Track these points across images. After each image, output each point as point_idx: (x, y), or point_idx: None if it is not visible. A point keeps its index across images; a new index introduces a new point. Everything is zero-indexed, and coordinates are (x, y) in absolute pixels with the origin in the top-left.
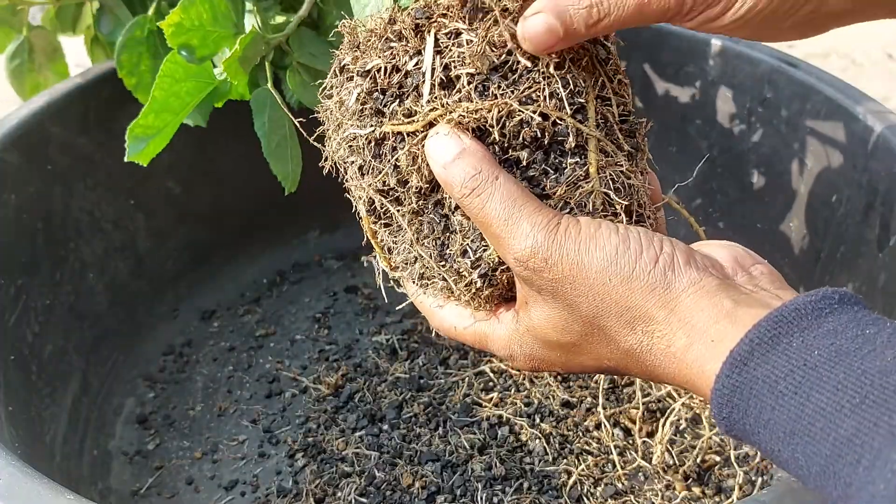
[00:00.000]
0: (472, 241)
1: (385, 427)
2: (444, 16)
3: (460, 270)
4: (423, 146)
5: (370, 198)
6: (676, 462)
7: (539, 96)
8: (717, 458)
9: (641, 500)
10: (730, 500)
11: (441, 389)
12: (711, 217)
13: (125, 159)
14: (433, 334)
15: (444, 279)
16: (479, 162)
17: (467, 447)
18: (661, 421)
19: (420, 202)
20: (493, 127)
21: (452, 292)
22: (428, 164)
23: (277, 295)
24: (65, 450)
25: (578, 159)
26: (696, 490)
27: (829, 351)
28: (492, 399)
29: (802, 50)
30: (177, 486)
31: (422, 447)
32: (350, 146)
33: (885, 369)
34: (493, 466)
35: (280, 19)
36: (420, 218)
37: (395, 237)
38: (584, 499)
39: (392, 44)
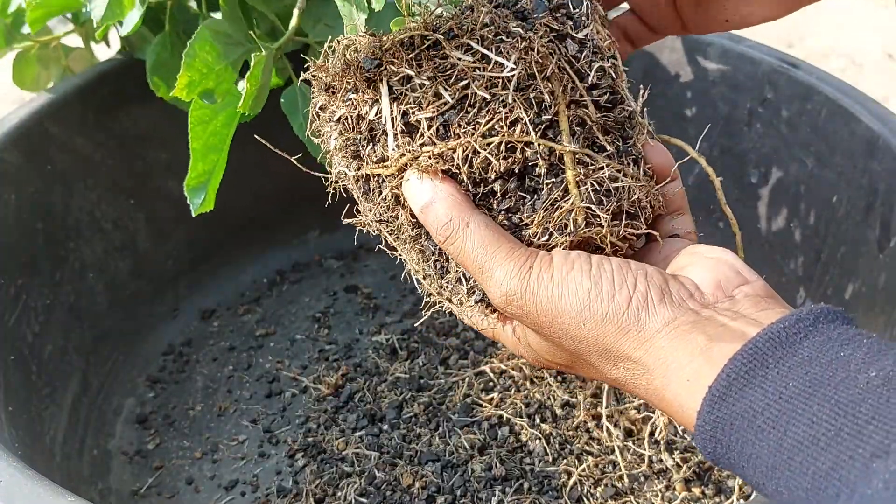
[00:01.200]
0: (462, 273)
1: (385, 427)
2: (392, 63)
3: (458, 297)
4: (400, 187)
5: (374, 222)
6: (676, 462)
7: (502, 127)
8: None
9: (641, 500)
10: (730, 500)
11: (441, 389)
12: (711, 217)
13: (193, 214)
14: (434, 321)
15: (449, 301)
16: (448, 209)
17: (467, 447)
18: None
19: (414, 231)
20: (459, 168)
21: (457, 312)
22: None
23: (277, 295)
24: (65, 450)
25: (555, 178)
26: (696, 490)
27: (803, 381)
28: (492, 399)
29: (802, 50)
30: (177, 486)
31: (422, 447)
32: (344, 178)
33: (858, 398)
34: (493, 466)
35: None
36: (417, 245)
37: (405, 255)
38: (584, 499)
39: (350, 94)
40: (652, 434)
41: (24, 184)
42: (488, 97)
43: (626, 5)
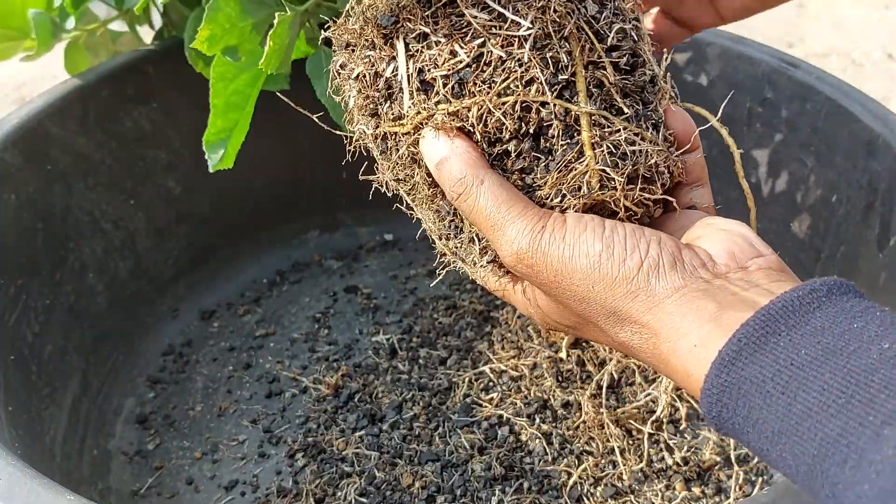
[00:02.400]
0: (475, 233)
1: (385, 427)
2: (409, 20)
3: (471, 257)
4: (417, 146)
5: (392, 181)
6: (676, 462)
7: (517, 86)
8: (717, 458)
9: (641, 500)
10: (729, 500)
11: (441, 389)
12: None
13: (210, 170)
14: (435, 321)
15: (462, 261)
16: (463, 165)
17: (467, 447)
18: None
19: (430, 190)
20: (473, 127)
21: (471, 271)
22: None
23: (277, 295)
24: (65, 450)
25: (570, 140)
26: (696, 490)
27: (815, 350)
28: (492, 399)
29: (802, 50)
30: (177, 486)
31: (422, 447)
32: (363, 136)
33: (871, 367)
34: (493, 466)
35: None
36: (432, 205)
37: (421, 215)
38: (584, 499)
39: (368, 52)
40: (651, 435)
41: (24, 184)
42: (504, 56)
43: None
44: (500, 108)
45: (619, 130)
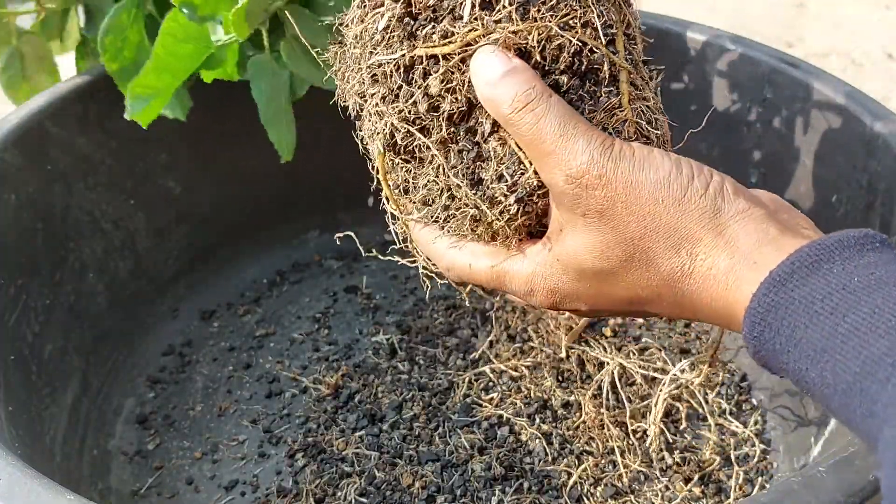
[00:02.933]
0: (507, 166)
1: (385, 427)
2: None
3: (495, 196)
4: (460, 69)
5: (391, 131)
6: (677, 462)
7: (576, 24)
8: (717, 458)
9: (641, 500)
10: (729, 500)
11: (441, 389)
12: None
13: (126, 116)
14: (435, 320)
15: (476, 207)
16: (531, 78)
17: (467, 447)
18: (655, 400)
19: (451, 129)
20: (533, 48)
21: (481, 222)
22: (464, 87)
23: (277, 295)
24: (65, 450)
25: (612, 89)
26: (696, 490)
27: (868, 279)
28: (492, 399)
29: (802, 50)
30: (177, 486)
31: (422, 447)
32: (374, 76)
33: None
34: (493, 466)
35: None
36: (449, 146)
37: (417, 172)
38: (584, 499)
39: None
40: (657, 433)
41: (24, 184)
42: None
43: None
44: (559, 39)
45: (647, 98)
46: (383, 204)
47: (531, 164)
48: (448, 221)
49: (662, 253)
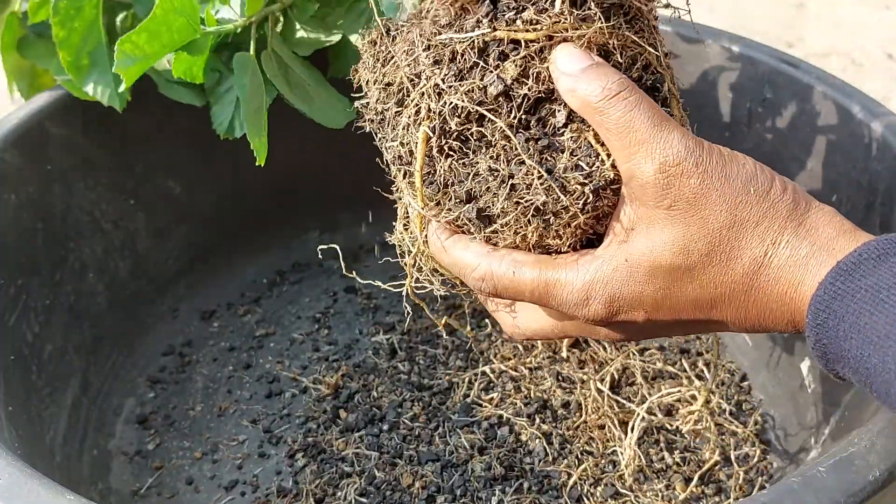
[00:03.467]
0: (580, 157)
1: (385, 427)
2: None
3: (567, 185)
4: (540, 57)
5: (449, 113)
6: (677, 462)
7: (645, 43)
8: (717, 458)
9: (641, 499)
10: (729, 500)
11: (441, 389)
12: None
13: (113, 70)
14: (435, 319)
15: (548, 192)
16: (618, 73)
17: (467, 447)
18: (630, 424)
19: (523, 116)
20: (615, 51)
21: (540, 215)
22: (543, 75)
23: (277, 295)
24: (65, 450)
25: (668, 111)
26: (696, 490)
27: None
28: (492, 399)
29: (802, 50)
30: (177, 486)
31: (422, 447)
32: (437, 57)
33: None
34: (493, 466)
35: None
36: (518, 133)
37: (467, 160)
38: (584, 499)
39: None
40: (652, 432)
41: (24, 184)
42: (644, 10)
43: None
44: (634, 49)
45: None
46: (394, 204)
47: (609, 157)
48: (499, 218)
49: (748, 242)
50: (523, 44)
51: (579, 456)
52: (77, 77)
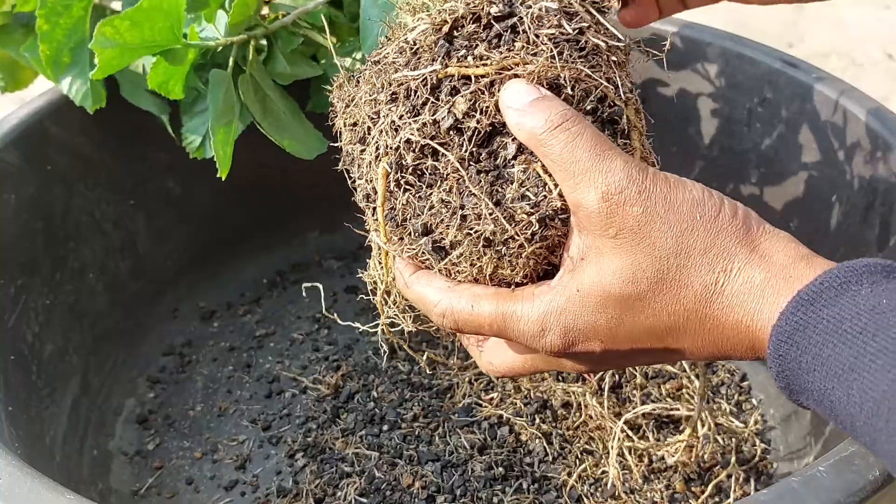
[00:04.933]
0: (528, 188)
1: (385, 427)
2: None
3: (515, 214)
4: (489, 90)
5: (403, 148)
6: (677, 462)
7: (601, 77)
8: (718, 458)
9: (641, 500)
10: (729, 500)
11: (441, 389)
12: None
13: (89, 46)
14: (433, 334)
15: (495, 222)
16: (563, 105)
17: (467, 447)
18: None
19: (472, 149)
20: (565, 84)
21: (492, 246)
22: (491, 110)
23: (277, 295)
24: (65, 450)
25: (627, 143)
26: (696, 490)
27: None
28: (492, 399)
29: (802, 50)
30: (177, 486)
31: (422, 447)
32: (393, 94)
33: None
34: (493, 466)
35: None
36: (468, 166)
37: (421, 193)
38: (584, 499)
39: None
40: (646, 435)
41: (24, 184)
42: (601, 46)
43: None
44: (588, 83)
45: (654, 163)
46: (368, 240)
47: (556, 188)
48: (452, 249)
49: (696, 270)
50: (473, 79)
51: (579, 456)
52: (53, 72)
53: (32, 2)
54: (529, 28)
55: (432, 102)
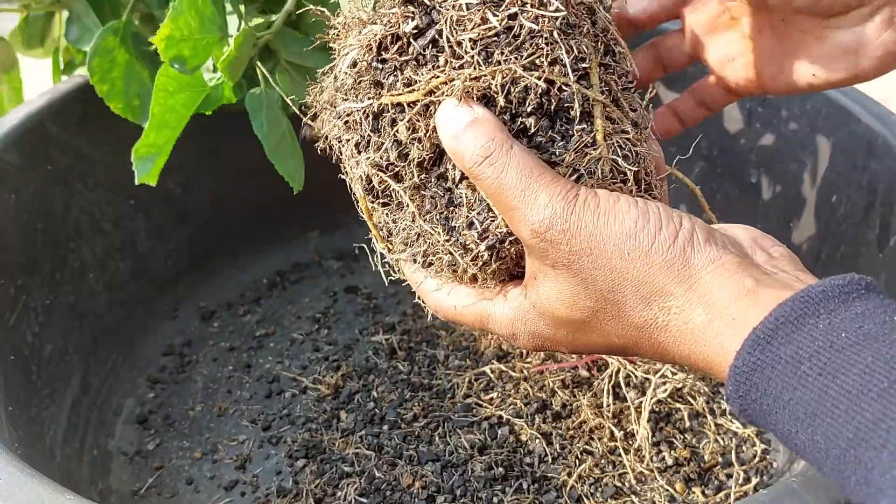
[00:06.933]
0: (477, 213)
1: (385, 427)
2: None
3: (466, 243)
4: (425, 116)
5: (368, 176)
6: (677, 462)
7: (542, 62)
8: (718, 458)
9: (641, 500)
10: (730, 500)
11: (441, 389)
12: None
13: (136, 182)
14: (435, 321)
15: (450, 253)
16: (492, 130)
17: (467, 447)
18: (646, 399)
19: (422, 176)
20: (497, 93)
21: (457, 268)
22: (430, 135)
23: (277, 295)
24: (65, 450)
25: (585, 126)
26: (696, 490)
27: (856, 334)
28: (492, 399)
29: None
30: (177, 486)
31: (422, 447)
32: (346, 123)
33: None
34: (493, 466)
35: (258, 20)
36: (422, 193)
37: (395, 216)
38: (584, 499)
39: (392, 8)
40: (646, 435)
41: (24, 184)
42: (535, 30)
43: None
44: (524, 80)
45: (626, 131)
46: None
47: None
48: (428, 267)
49: (634, 306)
50: (406, 106)
51: (579, 456)
52: (135, 118)
53: (95, 76)
54: (451, 36)
55: (376, 134)
